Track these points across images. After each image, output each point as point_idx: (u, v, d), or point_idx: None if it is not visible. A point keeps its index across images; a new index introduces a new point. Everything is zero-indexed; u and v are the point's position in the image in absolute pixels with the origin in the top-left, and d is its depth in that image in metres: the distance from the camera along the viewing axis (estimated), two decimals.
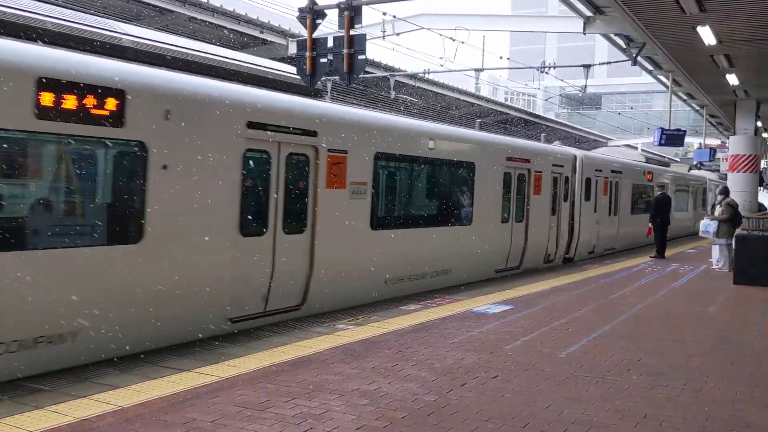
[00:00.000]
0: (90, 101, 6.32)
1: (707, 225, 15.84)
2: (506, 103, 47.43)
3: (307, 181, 9.16)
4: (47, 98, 6.02)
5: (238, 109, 7.88)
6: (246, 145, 8.02)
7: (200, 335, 7.49)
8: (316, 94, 10.18)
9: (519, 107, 46.49)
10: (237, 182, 7.93)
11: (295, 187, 9.01)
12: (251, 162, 8.22)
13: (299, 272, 8.95)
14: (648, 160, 26.01)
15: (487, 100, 37.09)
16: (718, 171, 36.90)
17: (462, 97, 32.83)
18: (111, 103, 6.49)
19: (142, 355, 6.79)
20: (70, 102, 6.18)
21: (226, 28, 20.13)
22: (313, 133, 9.04)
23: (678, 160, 37.80)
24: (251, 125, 8.06)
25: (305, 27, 8.74)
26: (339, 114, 10.02)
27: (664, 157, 33.62)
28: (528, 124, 39.37)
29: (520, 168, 14.58)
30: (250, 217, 8.26)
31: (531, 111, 48.37)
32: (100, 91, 6.38)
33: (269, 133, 8.31)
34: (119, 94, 6.55)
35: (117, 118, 6.56)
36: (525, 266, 14.87)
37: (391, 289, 10.86)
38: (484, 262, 13.37)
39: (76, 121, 6.25)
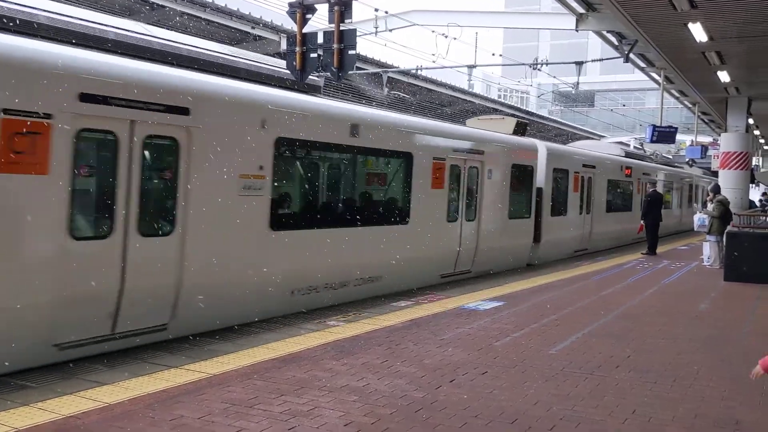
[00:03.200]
0: None
1: (702, 219, 15.90)
2: (499, 100, 47.44)
3: (175, 171, 7.47)
4: None
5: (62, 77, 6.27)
6: (78, 124, 6.49)
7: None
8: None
9: (512, 104, 46.56)
10: (65, 172, 6.41)
11: (156, 178, 7.53)
12: (86, 146, 6.79)
13: (163, 284, 7.35)
14: (628, 155, 24.56)
15: (480, 97, 37.11)
16: (710, 168, 36.59)
17: (455, 94, 32.83)
18: None
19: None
20: None
21: (218, 23, 20.05)
22: (184, 111, 7.42)
23: (670, 157, 37.74)
24: (86, 98, 6.51)
25: (295, 22, 8.69)
26: (223, 89, 8.20)
27: (652, 153, 32.48)
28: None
29: (471, 160, 13.01)
30: (86, 216, 6.88)
31: (524, 108, 48.46)
32: None
33: (115, 108, 6.74)
34: None
35: None
36: (477, 270, 13.39)
37: (300, 301, 9.20)
38: (425, 266, 11.80)
39: None
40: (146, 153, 7.18)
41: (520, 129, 16.53)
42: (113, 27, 7.52)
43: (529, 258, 15.78)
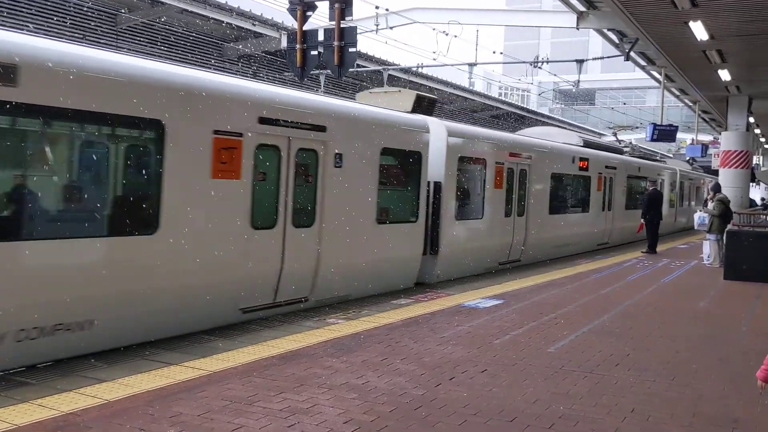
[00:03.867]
0: None
1: (702, 218, 15.91)
2: (500, 98, 47.42)
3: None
4: None
5: None
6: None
7: None
8: None
9: (513, 102, 46.53)
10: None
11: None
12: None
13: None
14: (588, 145, 20.01)
15: (481, 95, 37.09)
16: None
17: (455, 92, 32.82)
18: None
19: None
20: None
21: (219, 20, 20.03)
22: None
23: (657, 151, 37.42)
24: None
25: (296, 19, 8.69)
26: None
27: (627, 145, 28.73)
28: (521, 119, 39.39)
29: (300, 140, 9.11)
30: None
31: (525, 106, 48.40)
32: None
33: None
34: None
35: None
36: (316, 297, 9.57)
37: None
38: (217, 300, 8.17)
39: None
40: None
41: (424, 106, 12.74)
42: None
43: (421, 275, 11.99)
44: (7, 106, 5.92)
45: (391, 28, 21.12)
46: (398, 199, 11.61)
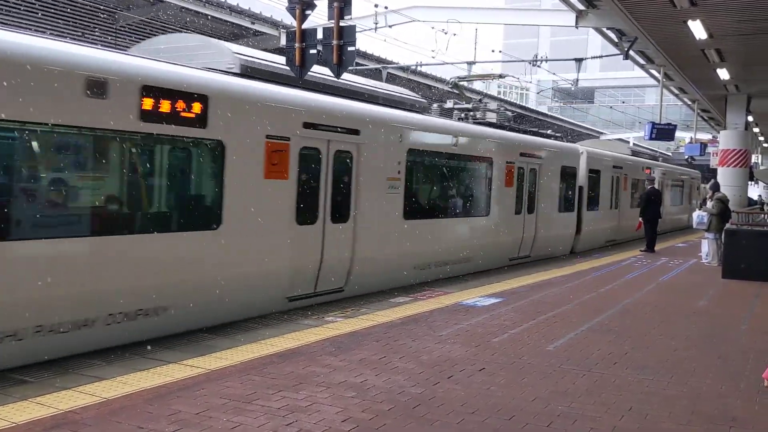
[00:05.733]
0: None
1: (701, 217, 15.93)
2: (499, 96, 47.41)
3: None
4: None
5: None
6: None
7: None
8: None
9: (512, 101, 46.49)
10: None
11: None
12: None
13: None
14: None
15: (480, 93, 37.06)
16: (709, 165, 35.71)
17: (455, 90, 32.77)
18: None
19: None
20: None
21: (217, 18, 20.00)
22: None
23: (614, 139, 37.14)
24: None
25: (294, 18, 8.67)
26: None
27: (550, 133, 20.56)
28: (520, 118, 39.37)
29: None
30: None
31: (524, 105, 48.38)
32: None
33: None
34: None
35: None
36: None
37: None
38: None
39: None
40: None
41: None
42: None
43: None
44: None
45: (390, 26, 21.09)
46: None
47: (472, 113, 15.80)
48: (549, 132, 19.55)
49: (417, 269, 11.75)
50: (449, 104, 16.01)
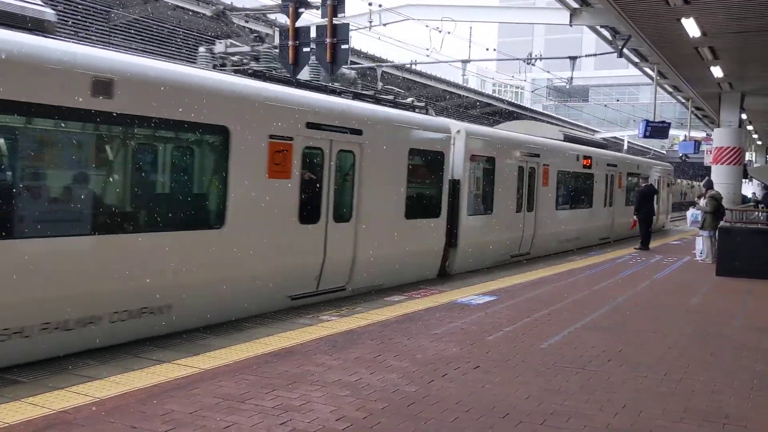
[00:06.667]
0: None
1: (695, 215, 15.96)
2: (494, 95, 47.45)
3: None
4: None
5: None
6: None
7: None
8: None
9: (507, 99, 46.54)
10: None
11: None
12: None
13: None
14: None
15: (475, 92, 37.11)
16: (703, 163, 35.46)
17: (449, 89, 32.83)
18: None
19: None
20: None
21: (211, 16, 19.93)
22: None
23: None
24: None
25: (288, 16, 8.66)
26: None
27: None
28: (514, 116, 39.41)
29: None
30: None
31: (518, 103, 48.43)
32: None
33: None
34: None
35: None
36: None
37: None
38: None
39: None
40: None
41: None
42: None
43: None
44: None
45: (384, 24, 21.07)
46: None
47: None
48: (408, 101, 12.81)
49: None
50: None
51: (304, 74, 10.73)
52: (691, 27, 14.15)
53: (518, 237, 15.40)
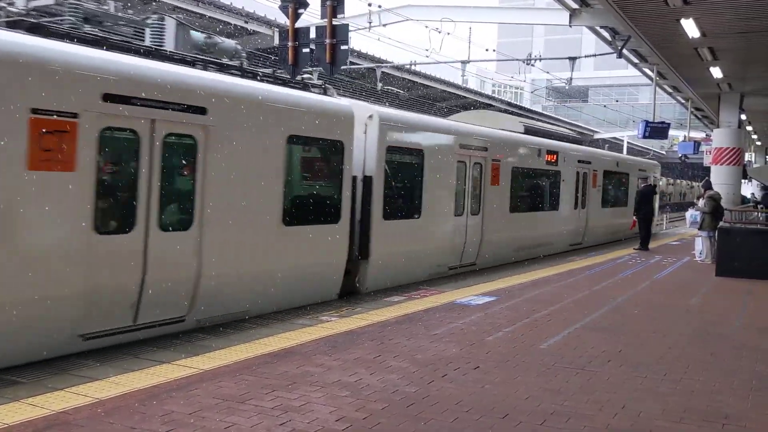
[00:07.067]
0: None
1: (695, 216, 15.97)
2: (493, 95, 47.46)
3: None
4: None
5: None
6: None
7: None
8: None
9: (506, 99, 46.56)
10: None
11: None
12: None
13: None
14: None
15: (474, 92, 37.11)
16: (702, 163, 35.32)
17: (449, 89, 32.84)
18: None
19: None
20: None
21: (211, 17, 19.99)
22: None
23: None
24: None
25: (287, 16, 8.67)
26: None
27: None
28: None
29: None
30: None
31: (518, 104, 48.43)
32: None
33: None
34: None
35: None
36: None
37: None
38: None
39: None
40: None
41: None
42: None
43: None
44: None
45: (384, 25, 21.09)
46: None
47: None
48: (300, 78, 10.16)
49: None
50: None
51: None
52: (690, 28, 14.16)
53: (460, 245, 13.07)
